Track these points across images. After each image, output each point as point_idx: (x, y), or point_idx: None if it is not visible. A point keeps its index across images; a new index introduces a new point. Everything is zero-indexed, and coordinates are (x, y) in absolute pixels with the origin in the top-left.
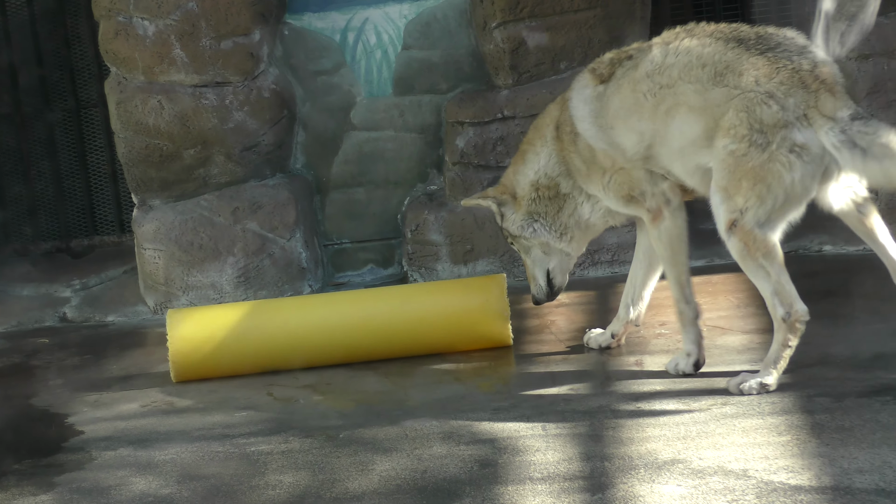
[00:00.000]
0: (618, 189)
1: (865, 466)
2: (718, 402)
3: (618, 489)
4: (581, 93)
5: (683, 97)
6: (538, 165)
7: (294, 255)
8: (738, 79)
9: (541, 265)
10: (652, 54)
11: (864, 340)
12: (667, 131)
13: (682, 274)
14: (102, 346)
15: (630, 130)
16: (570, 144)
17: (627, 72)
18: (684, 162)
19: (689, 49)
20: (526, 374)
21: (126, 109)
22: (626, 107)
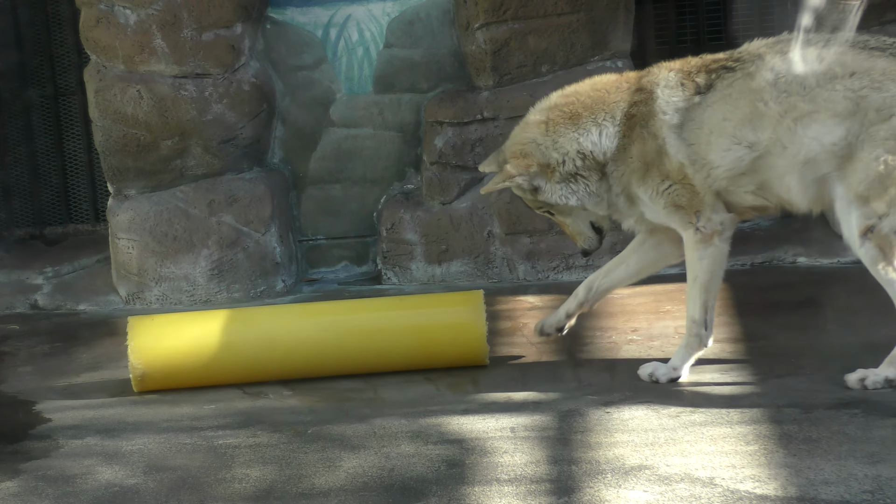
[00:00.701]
0: (674, 199)
1: (831, 478)
2: (687, 409)
3: (584, 493)
4: (671, 97)
5: (828, 104)
6: (598, 139)
7: (268, 250)
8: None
9: (584, 220)
10: (774, 61)
11: (834, 353)
12: (793, 140)
13: (710, 299)
14: (73, 334)
15: (737, 144)
16: (639, 140)
17: (737, 82)
18: (806, 172)
19: (825, 58)
20: (496, 376)
21: (105, 98)
22: (738, 118)
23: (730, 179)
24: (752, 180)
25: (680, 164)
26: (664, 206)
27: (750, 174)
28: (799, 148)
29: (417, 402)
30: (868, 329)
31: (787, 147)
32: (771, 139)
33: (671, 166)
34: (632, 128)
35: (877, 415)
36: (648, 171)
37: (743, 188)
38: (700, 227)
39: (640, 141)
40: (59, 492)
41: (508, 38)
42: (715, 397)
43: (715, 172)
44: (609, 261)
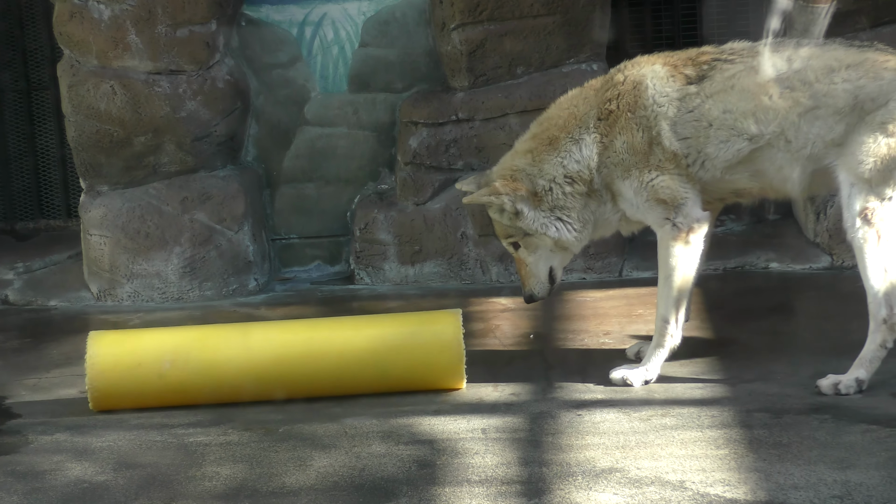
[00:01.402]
0: (657, 192)
1: (801, 483)
2: (658, 413)
3: (554, 495)
4: (664, 87)
5: (828, 98)
6: (580, 155)
7: (241, 248)
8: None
9: (545, 262)
10: (776, 59)
11: (805, 358)
12: (797, 136)
13: (682, 298)
14: (44, 330)
15: (738, 136)
16: (624, 133)
17: (738, 76)
18: (808, 165)
19: (818, 54)
20: (468, 377)
21: (78, 93)
22: (741, 111)
23: (725, 170)
24: (747, 169)
25: (674, 154)
26: (646, 200)
27: (746, 164)
28: (804, 143)
29: (388, 402)
30: (840, 334)
31: (792, 141)
32: (775, 133)
33: (664, 157)
34: (612, 124)
35: (847, 420)
36: (635, 163)
37: (736, 176)
38: (677, 223)
39: (627, 132)
40: (28, 487)
41: (484, 39)
42: (686, 401)
43: (712, 163)
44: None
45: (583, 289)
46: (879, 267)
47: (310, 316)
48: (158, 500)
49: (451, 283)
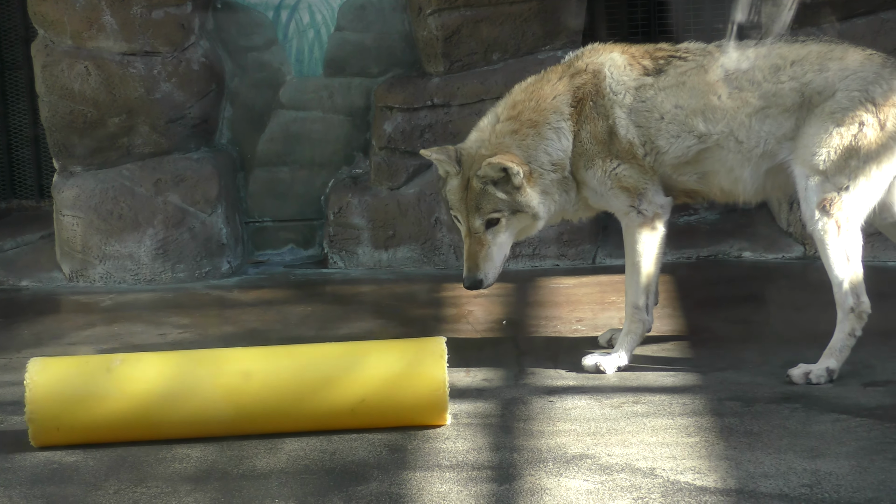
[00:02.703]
0: (621, 180)
1: (771, 471)
2: (630, 400)
3: (525, 481)
4: (621, 76)
5: (776, 97)
6: (561, 145)
7: (214, 231)
8: (842, 62)
9: (506, 249)
10: (725, 59)
11: (776, 347)
12: (749, 136)
13: (650, 283)
14: (15, 310)
15: (687, 132)
16: (590, 122)
17: (689, 73)
18: (761, 163)
19: (766, 53)
20: None
21: (52, 73)
22: (690, 108)
23: (674, 167)
24: (696, 169)
25: (629, 142)
26: (610, 188)
27: (694, 164)
28: (756, 142)
29: None
30: (811, 324)
31: (743, 142)
32: (723, 133)
33: (620, 146)
34: (580, 112)
35: (817, 409)
36: (598, 152)
37: (685, 176)
38: (642, 210)
39: (591, 122)
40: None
41: (460, 24)
42: (657, 389)
43: (662, 158)
44: None
45: (556, 275)
46: (842, 257)
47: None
48: (128, 481)
49: (425, 268)
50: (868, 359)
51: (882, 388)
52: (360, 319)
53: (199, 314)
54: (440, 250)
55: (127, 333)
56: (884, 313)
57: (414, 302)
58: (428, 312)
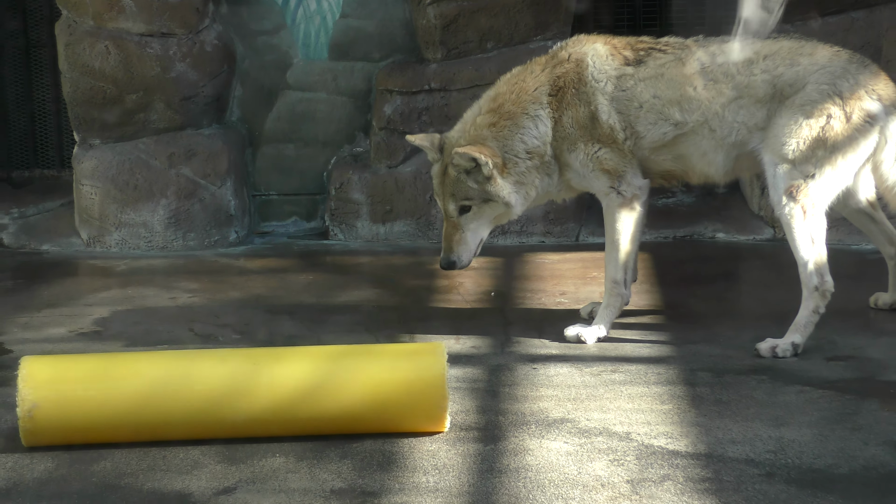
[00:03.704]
0: (602, 163)
1: (738, 438)
2: (608, 368)
3: (509, 442)
4: (603, 65)
5: (749, 89)
6: (538, 132)
7: (223, 203)
8: (812, 57)
9: (484, 230)
10: (700, 53)
11: (746, 322)
12: (722, 125)
13: (628, 260)
14: (35, 272)
15: (664, 120)
16: (569, 108)
17: (668, 65)
18: (732, 150)
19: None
20: (431, 330)
21: (74, 52)
22: (667, 98)
23: (652, 150)
24: (671, 153)
25: (610, 127)
26: (592, 170)
27: (670, 147)
28: (729, 131)
29: None
30: (778, 302)
31: (716, 130)
32: (698, 121)
33: (601, 131)
34: (561, 99)
35: (782, 381)
36: (580, 136)
37: (662, 157)
38: (622, 191)
39: (573, 108)
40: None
41: (457, 14)
42: (634, 359)
43: (640, 142)
44: None
45: (542, 251)
46: (807, 239)
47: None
48: None
49: (419, 242)
50: (831, 335)
51: (843, 362)
52: (358, 288)
53: (207, 280)
54: (434, 225)
55: (140, 296)
56: (847, 293)
57: (409, 273)
58: (421, 283)
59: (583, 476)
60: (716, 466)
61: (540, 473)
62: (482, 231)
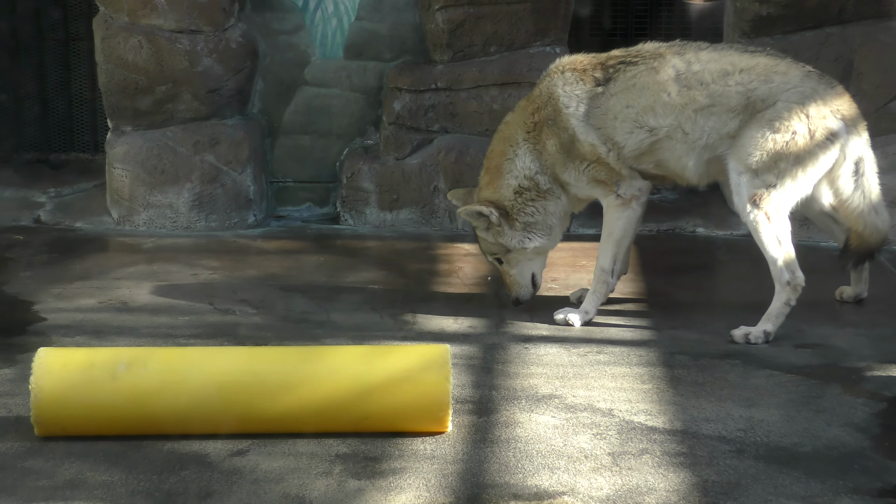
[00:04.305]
0: (594, 175)
1: (712, 416)
2: (594, 350)
3: (501, 414)
4: (572, 92)
5: (723, 98)
6: (517, 168)
7: (243, 188)
8: (785, 76)
9: (528, 270)
10: (676, 60)
11: (721, 311)
12: (694, 128)
13: (619, 252)
14: (69, 247)
15: (639, 128)
16: (551, 136)
17: (641, 75)
18: (703, 154)
19: (716, 58)
20: (432, 310)
21: (110, 45)
22: (641, 106)
23: (634, 158)
24: (652, 159)
25: (591, 145)
26: (587, 183)
27: (650, 154)
28: (700, 134)
29: (363, 326)
30: (752, 292)
31: (689, 133)
32: (672, 126)
33: (584, 149)
34: (539, 132)
35: (754, 366)
36: (568, 158)
37: (645, 165)
38: (620, 194)
39: (553, 136)
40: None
41: (464, 20)
42: (618, 341)
43: (623, 151)
44: None
45: None
46: (774, 241)
47: (300, 249)
48: None
49: (423, 229)
50: (799, 324)
51: (810, 349)
52: (366, 270)
53: (227, 258)
54: (437, 214)
55: (164, 272)
56: (815, 286)
57: (412, 257)
58: (424, 267)
59: (568, 448)
60: (690, 442)
61: (529, 444)
62: (527, 270)
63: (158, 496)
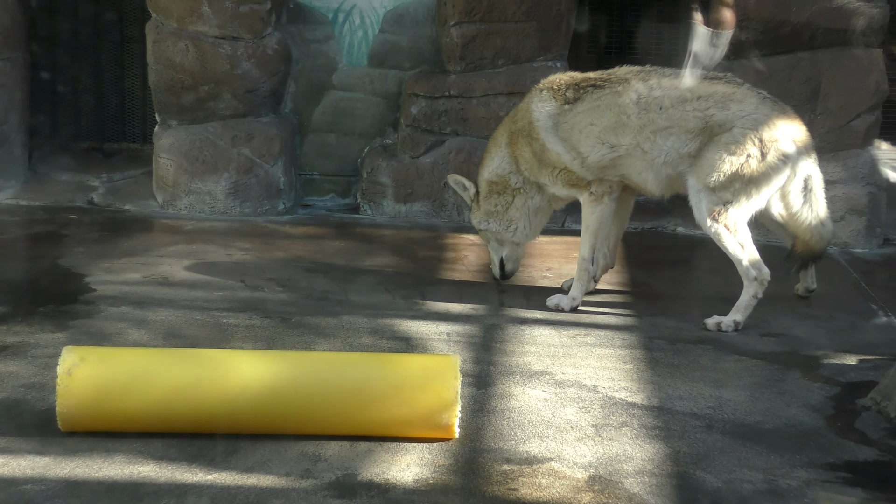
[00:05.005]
0: (566, 179)
1: (685, 395)
2: (582, 332)
3: (498, 388)
4: (544, 108)
5: (681, 122)
6: (493, 166)
7: (274, 179)
8: (741, 104)
9: (496, 252)
10: (639, 85)
11: (696, 301)
12: (653, 147)
13: (597, 242)
14: (118, 227)
15: (601, 144)
16: (526, 145)
17: (605, 97)
18: (662, 171)
19: (677, 85)
20: (440, 293)
21: (159, 48)
22: (604, 126)
23: (599, 169)
24: (615, 172)
25: (557, 154)
26: (561, 186)
27: (612, 168)
28: (658, 153)
29: (377, 306)
30: (724, 285)
31: (647, 152)
32: (631, 144)
33: (552, 158)
34: (516, 142)
35: (724, 351)
36: (541, 164)
37: (611, 175)
38: (594, 192)
39: (528, 145)
40: (97, 345)
41: (475, 35)
42: (604, 326)
43: (586, 161)
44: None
45: None
46: (737, 247)
47: (323, 234)
48: None
49: (433, 220)
50: (765, 315)
51: (774, 338)
52: (381, 255)
53: (258, 241)
54: (446, 207)
55: (202, 252)
56: (780, 282)
57: (423, 245)
58: (433, 254)
59: (556, 419)
60: (665, 417)
61: (521, 415)
62: (495, 251)
63: (191, 450)
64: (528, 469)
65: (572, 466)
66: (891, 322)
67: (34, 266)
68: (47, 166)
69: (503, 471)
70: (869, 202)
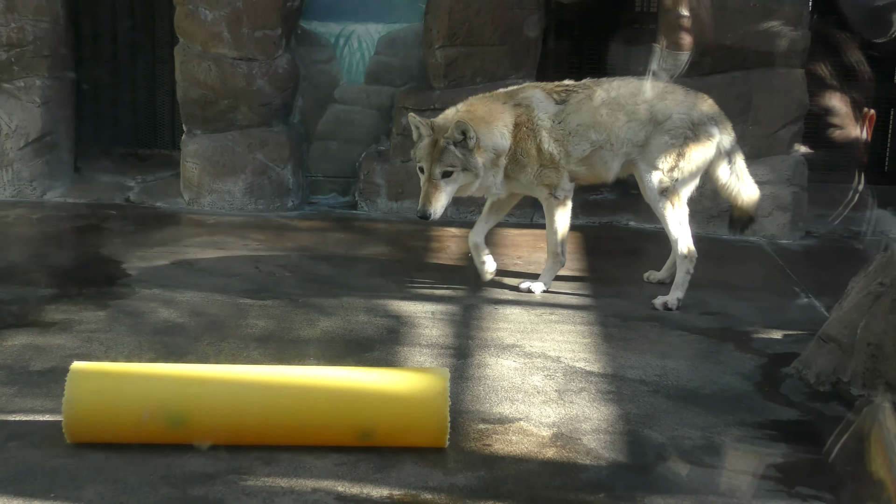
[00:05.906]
0: (543, 179)
1: (635, 365)
2: (547, 311)
3: (474, 358)
4: (544, 108)
5: (635, 115)
6: (503, 143)
7: (285, 180)
8: (674, 95)
9: (451, 195)
10: (600, 90)
11: (646, 284)
12: (617, 138)
13: (564, 237)
14: (150, 221)
15: (585, 141)
16: (523, 141)
17: (583, 101)
18: (621, 158)
19: (626, 85)
20: (425, 277)
21: (186, 68)
22: (586, 124)
23: (576, 163)
24: (587, 163)
25: (551, 153)
26: (536, 185)
27: (586, 160)
28: (622, 144)
29: (373, 288)
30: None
31: (614, 144)
32: (605, 139)
33: (545, 157)
34: (517, 133)
35: (669, 327)
36: (529, 162)
37: (579, 168)
38: (557, 195)
39: (525, 141)
40: (132, 322)
41: (457, 57)
42: (566, 306)
43: (570, 158)
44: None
45: (506, 227)
46: (676, 223)
47: (326, 228)
48: (216, 337)
49: None
50: (704, 297)
51: (712, 316)
52: (376, 245)
53: (270, 233)
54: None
55: (222, 242)
56: (716, 269)
57: (412, 237)
58: (420, 244)
59: (525, 385)
60: (618, 383)
61: (494, 381)
62: (452, 194)
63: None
64: (501, 427)
65: (538, 425)
66: (811, 303)
67: (79, 254)
68: (90, 169)
69: (479, 429)
70: (793, 200)
